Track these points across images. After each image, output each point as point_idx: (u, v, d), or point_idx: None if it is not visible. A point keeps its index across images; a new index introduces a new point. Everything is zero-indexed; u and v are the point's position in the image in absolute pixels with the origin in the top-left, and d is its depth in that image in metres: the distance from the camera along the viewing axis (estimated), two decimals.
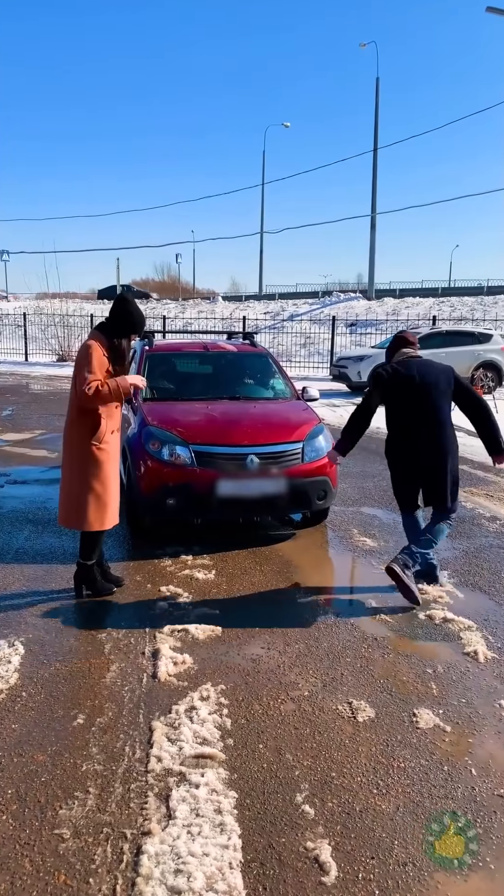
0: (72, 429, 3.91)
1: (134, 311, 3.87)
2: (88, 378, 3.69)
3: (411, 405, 4.09)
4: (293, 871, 2.04)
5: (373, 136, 32.65)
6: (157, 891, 1.95)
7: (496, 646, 3.52)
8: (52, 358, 23.66)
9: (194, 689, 3.04)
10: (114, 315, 3.85)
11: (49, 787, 2.40)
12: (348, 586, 4.56)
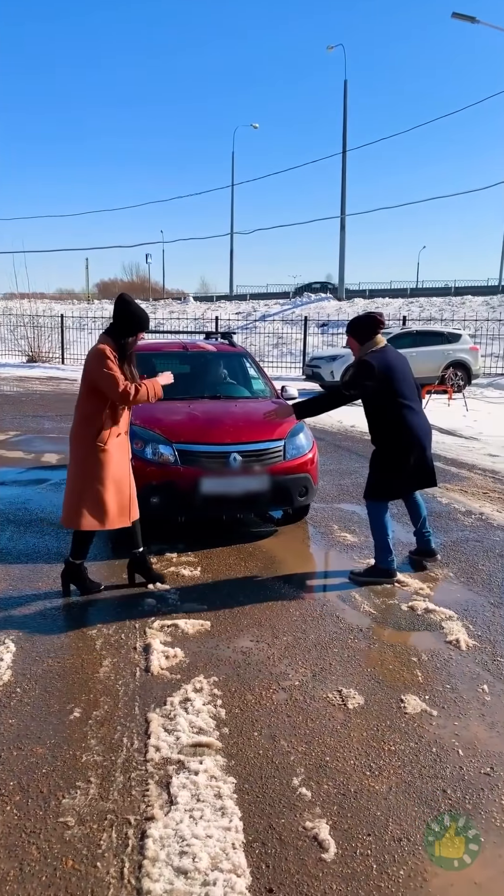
0: (77, 430, 3.97)
1: (136, 309, 3.93)
2: (120, 381, 3.77)
3: (409, 385, 4.29)
4: (294, 850, 2.12)
5: (342, 138, 32.97)
6: (165, 871, 2.01)
7: (476, 634, 3.65)
8: (22, 359, 23.41)
9: (187, 681, 3.10)
10: (118, 316, 3.90)
11: (50, 778, 2.44)
12: (332, 580, 4.65)
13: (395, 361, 4.28)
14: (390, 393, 4.20)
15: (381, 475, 4.36)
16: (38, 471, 7.60)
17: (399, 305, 28.81)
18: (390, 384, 4.19)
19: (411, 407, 4.27)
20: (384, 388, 4.19)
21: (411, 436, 4.23)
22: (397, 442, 4.26)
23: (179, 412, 5.38)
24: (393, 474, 4.32)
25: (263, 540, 5.22)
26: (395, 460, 4.29)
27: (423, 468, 4.32)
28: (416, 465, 4.29)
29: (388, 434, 4.29)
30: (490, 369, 18.88)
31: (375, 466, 4.41)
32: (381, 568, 4.35)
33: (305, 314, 24.07)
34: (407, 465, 4.27)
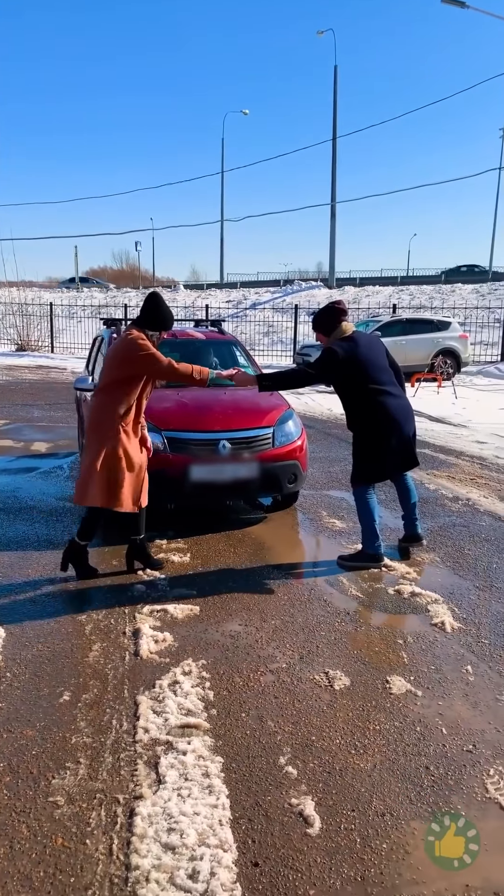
0: (99, 413, 4.02)
1: (166, 309, 4.09)
2: (161, 357, 3.95)
3: (378, 371, 4.30)
4: (280, 825, 2.17)
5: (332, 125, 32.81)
6: (153, 848, 2.06)
7: (461, 616, 3.70)
8: (11, 348, 23.28)
9: (176, 664, 3.14)
10: (150, 311, 4.04)
11: (40, 760, 2.48)
12: (320, 566, 4.69)
13: (364, 348, 4.27)
14: (360, 379, 4.22)
15: (362, 460, 4.40)
16: (28, 459, 7.60)
17: (389, 293, 28.81)
18: (359, 370, 4.21)
19: (385, 391, 4.27)
20: (353, 375, 4.21)
21: (386, 419, 4.25)
22: (374, 426, 4.28)
23: (169, 400, 5.39)
24: (372, 458, 4.35)
25: (253, 526, 5.26)
26: (373, 444, 4.32)
27: (402, 450, 4.35)
28: (395, 448, 4.31)
29: (364, 419, 4.32)
30: (480, 357, 18.95)
31: (355, 452, 4.45)
32: (368, 553, 4.40)
33: (296, 302, 24.02)
34: (385, 449, 4.30)
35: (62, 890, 1.92)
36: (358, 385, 4.24)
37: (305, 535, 5.26)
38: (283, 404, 5.56)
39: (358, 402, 4.30)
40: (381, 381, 4.27)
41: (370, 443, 4.33)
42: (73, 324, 23.87)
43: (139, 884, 1.93)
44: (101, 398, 4.06)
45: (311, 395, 13.77)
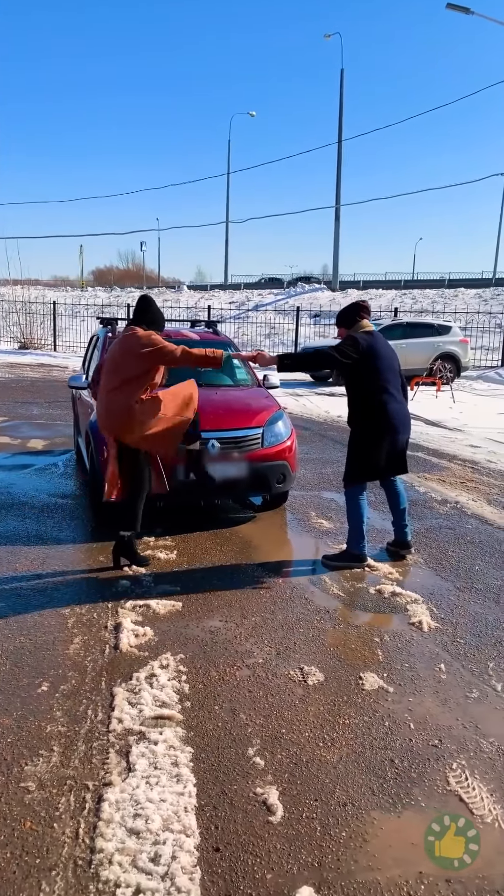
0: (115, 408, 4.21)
1: (157, 309, 4.43)
2: (170, 345, 4.19)
3: (394, 374, 4.38)
4: (243, 813, 2.23)
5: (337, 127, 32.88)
6: (118, 832, 2.12)
7: (439, 616, 3.75)
8: (14, 345, 23.40)
9: (154, 658, 3.20)
10: (146, 312, 4.35)
11: (15, 747, 2.54)
12: (305, 565, 4.75)
13: (382, 347, 4.36)
14: (372, 375, 4.28)
15: (354, 458, 4.46)
16: (24, 456, 7.68)
17: (392, 297, 28.85)
18: (373, 365, 4.27)
19: (392, 393, 4.34)
20: (367, 368, 4.26)
21: (387, 420, 4.30)
22: (373, 425, 4.33)
23: None
24: (365, 457, 4.40)
25: (241, 525, 5.32)
26: (369, 443, 4.37)
27: (394, 454, 4.40)
28: (389, 450, 4.36)
29: (365, 416, 4.37)
30: (480, 362, 18.99)
31: (350, 449, 4.51)
32: (352, 553, 4.46)
33: (299, 304, 24.10)
34: (379, 449, 4.34)
35: (27, 871, 1.98)
36: (368, 380, 4.30)
37: (293, 534, 5.31)
38: (273, 405, 5.62)
39: (363, 397, 4.35)
40: (389, 382, 4.33)
41: (366, 441, 4.39)
42: (76, 322, 23.98)
43: (102, 866, 1.99)
44: (115, 395, 4.18)
45: (310, 396, 13.83)
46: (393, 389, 4.36)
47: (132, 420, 4.15)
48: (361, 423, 4.41)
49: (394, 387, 4.38)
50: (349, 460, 4.50)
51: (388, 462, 4.43)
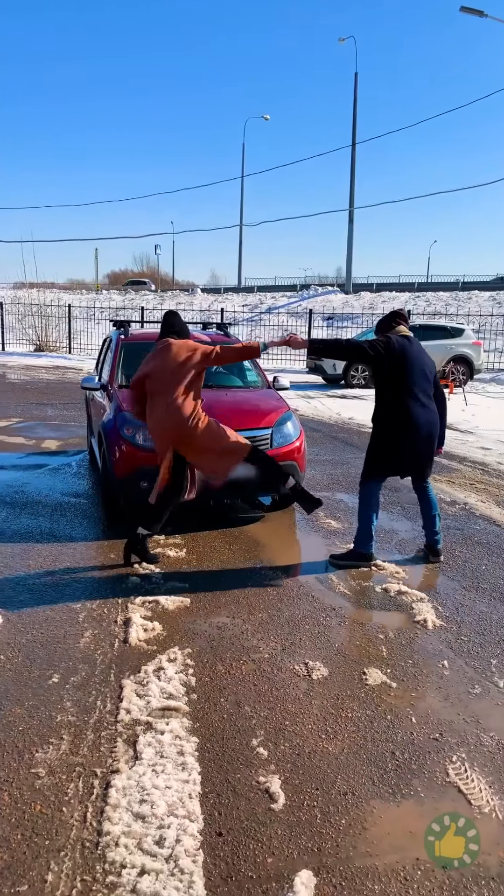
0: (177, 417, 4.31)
1: (180, 321, 4.71)
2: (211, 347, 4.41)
3: (425, 380, 4.39)
4: (246, 800, 2.29)
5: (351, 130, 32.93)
6: (124, 816, 2.19)
7: (444, 615, 3.80)
8: (30, 348, 23.64)
9: (162, 652, 3.27)
10: (178, 325, 4.63)
11: (26, 735, 2.62)
12: (312, 564, 4.80)
13: (414, 352, 4.38)
14: (400, 376, 4.29)
15: (369, 454, 4.49)
16: (38, 456, 7.80)
17: (405, 299, 28.81)
18: (402, 367, 4.28)
19: (417, 397, 4.33)
20: (395, 369, 4.28)
21: (407, 421, 4.29)
22: (391, 424, 4.34)
23: None
24: (378, 454, 4.42)
25: (249, 525, 5.39)
26: (384, 441, 4.39)
27: (412, 456, 4.39)
28: (405, 451, 4.35)
29: (386, 415, 4.38)
30: (494, 364, 18.94)
31: (368, 447, 4.54)
32: (359, 552, 4.51)
33: (311, 307, 24.15)
34: (394, 448, 4.35)
35: (37, 851, 2.06)
36: (395, 381, 4.31)
37: (301, 534, 5.37)
38: (283, 406, 5.69)
39: (388, 397, 4.36)
40: (417, 385, 4.34)
41: (381, 439, 4.42)
42: (90, 325, 24.19)
43: (109, 847, 2.06)
44: (174, 406, 4.27)
45: (321, 399, 13.87)
46: (420, 394, 4.35)
47: (194, 432, 4.27)
48: (381, 421, 4.43)
49: (422, 391, 4.36)
50: (366, 457, 4.54)
51: (404, 463, 4.44)
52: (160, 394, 4.37)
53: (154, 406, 4.44)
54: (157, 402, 4.40)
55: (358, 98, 33.27)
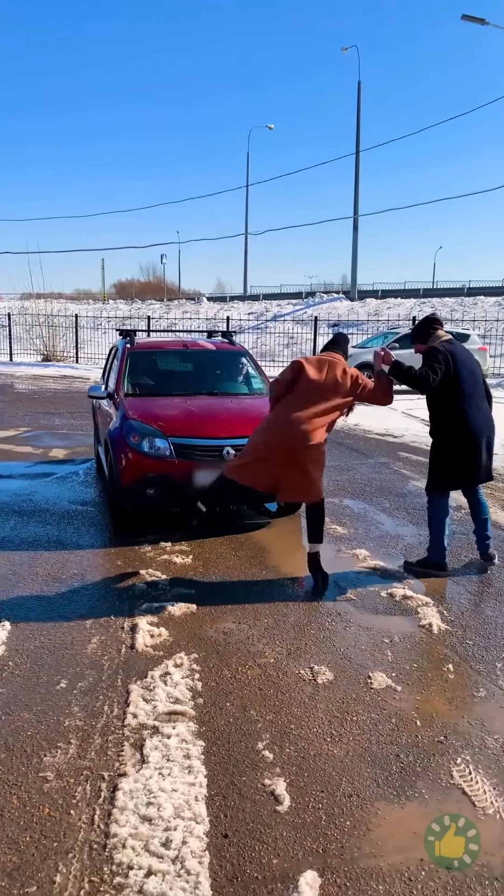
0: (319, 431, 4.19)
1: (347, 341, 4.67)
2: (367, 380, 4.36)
3: (475, 381, 4.37)
4: (251, 802, 2.31)
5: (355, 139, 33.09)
6: (131, 818, 2.21)
7: (450, 619, 3.81)
8: (37, 358, 23.79)
9: (169, 657, 3.30)
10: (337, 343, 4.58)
11: (34, 740, 2.65)
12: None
13: (462, 354, 4.39)
14: (453, 381, 4.26)
15: (434, 467, 4.47)
16: (45, 465, 7.85)
17: (411, 306, 28.84)
18: (456, 373, 4.26)
19: (473, 400, 4.31)
20: (447, 375, 4.24)
21: (467, 428, 4.27)
22: (454, 436, 4.31)
23: (176, 407, 5.59)
24: (444, 467, 4.40)
25: (255, 531, 5.41)
26: (448, 453, 4.36)
27: (476, 462, 4.35)
28: (470, 459, 4.32)
29: (445, 425, 4.34)
30: (499, 370, 18.91)
31: (431, 460, 4.51)
32: (432, 561, 4.48)
33: (317, 314, 24.22)
34: (459, 459, 4.33)
35: (45, 853, 2.09)
36: (449, 387, 4.26)
37: (307, 540, 5.38)
38: None
39: (443, 405, 4.32)
40: (471, 388, 4.33)
41: (445, 451, 4.37)
42: (97, 335, 24.32)
43: (116, 849, 2.09)
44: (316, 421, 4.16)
45: None
46: (474, 396, 4.33)
47: (305, 455, 4.14)
48: (442, 433, 4.38)
49: (476, 393, 4.35)
50: (430, 469, 4.51)
51: (470, 471, 4.39)
52: (308, 406, 4.18)
53: (281, 412, 4.25)
54: (286, 411, 4.22)
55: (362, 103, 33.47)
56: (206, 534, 5.26)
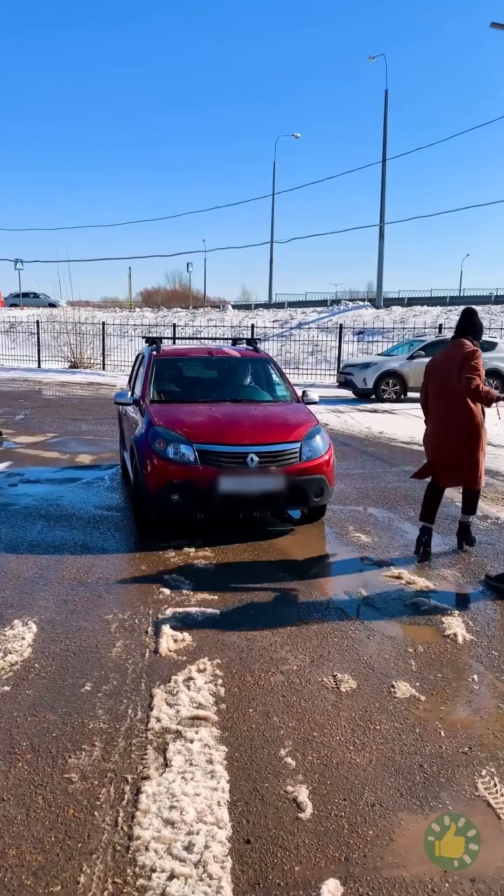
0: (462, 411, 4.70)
1: (478, 319, 4.96)
2: (476, 378, 4.60)
3: None
4: (274, 809, 2.31)
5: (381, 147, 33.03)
6: (154, 822, 2.23)
7: (475, 629, 3.77)
8: (65, 365, 24.11)
9: (192, 662, 3.32)
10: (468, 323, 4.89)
11: (59, 741, 2.68)
12: (341, 576, 4.81)
13: None
14: None
15: None
16: (72, 470, 7.95)
17: (437, 314, 28.61)
18: None
19: None
20: None
21: None
22: None
23: (201, 414, 5.62)
24: None
25: (279, 538, 5.42)
26: None
27: None
28: None
29: None
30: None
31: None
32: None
33: (342, 322, 24.17)
34: None
35: (69, 853, 2.11)
36: None
37: (330, 548, 5.38)
38: (312, 420, 5.73)
39: None
40: None
41: None
42: (124, 342, 24.57)
43: (139, 852, 2.10)
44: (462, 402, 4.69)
45: (352, 413, 13.85)
46: None
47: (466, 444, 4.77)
48: None
49: None
50: None
51: None
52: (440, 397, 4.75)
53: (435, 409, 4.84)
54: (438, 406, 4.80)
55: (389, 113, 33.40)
56: (229, 540, 5.28)
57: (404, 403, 15.06)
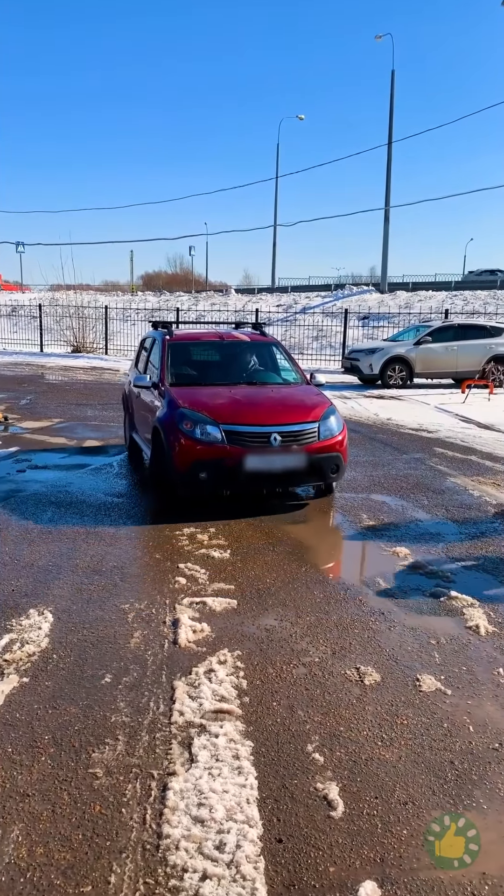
0: None
1: None
2: None
3: None
4: (304, 807, 2.26)
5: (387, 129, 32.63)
6: (183, 819, 2.18)
7: (497, 621, 3.71)
8: (67, 349, 23.94)
9: (212, 654, 3.26)
10: None
11: (82, 735, 2.63)
12: (357, 566, 4.76)
13: None
14: None
15: None
16: (79, 456, 7.88)
17: (443, 298, 28.40)
18: None
19: None
20: None
21: None
22: None
23: (222, 396, 5.71)
24: None
25: (292, 526, 5.36)
26: None
27: None
28: None
29: None
30: None
31: None
32: None
33: (346, 307, 24.00)
34: None
35: (98, 852, 2.06)
36: None
37: (345, 536, 5.32)
38: (326, 401, 5.88)
39: None
40: None
41: None
42: (126, 326, 24.42)
43: (169, 851, 2.06)
44: None
45: (358, 399, 13.76)
46: None
47: None
48: None
49: None
50: None
51: None
52: None
53: None
54: None
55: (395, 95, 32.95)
56: (242, 528, 5.22)
57: (411, 389, 14.95)
